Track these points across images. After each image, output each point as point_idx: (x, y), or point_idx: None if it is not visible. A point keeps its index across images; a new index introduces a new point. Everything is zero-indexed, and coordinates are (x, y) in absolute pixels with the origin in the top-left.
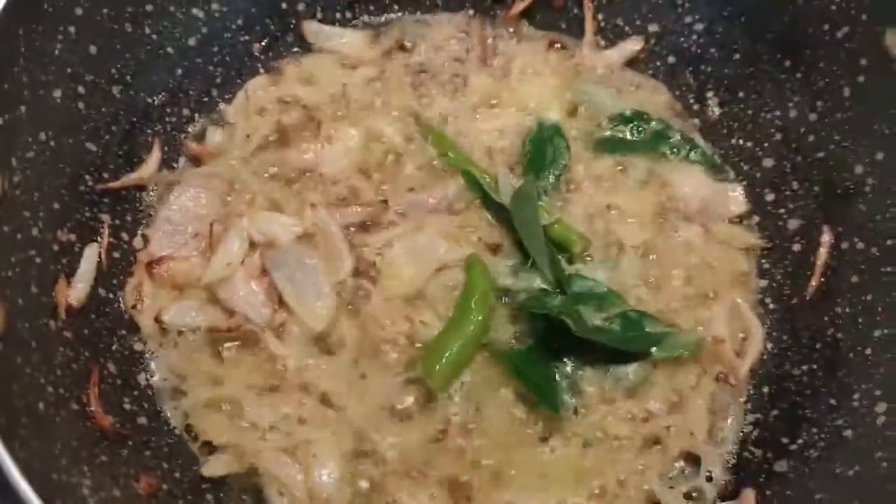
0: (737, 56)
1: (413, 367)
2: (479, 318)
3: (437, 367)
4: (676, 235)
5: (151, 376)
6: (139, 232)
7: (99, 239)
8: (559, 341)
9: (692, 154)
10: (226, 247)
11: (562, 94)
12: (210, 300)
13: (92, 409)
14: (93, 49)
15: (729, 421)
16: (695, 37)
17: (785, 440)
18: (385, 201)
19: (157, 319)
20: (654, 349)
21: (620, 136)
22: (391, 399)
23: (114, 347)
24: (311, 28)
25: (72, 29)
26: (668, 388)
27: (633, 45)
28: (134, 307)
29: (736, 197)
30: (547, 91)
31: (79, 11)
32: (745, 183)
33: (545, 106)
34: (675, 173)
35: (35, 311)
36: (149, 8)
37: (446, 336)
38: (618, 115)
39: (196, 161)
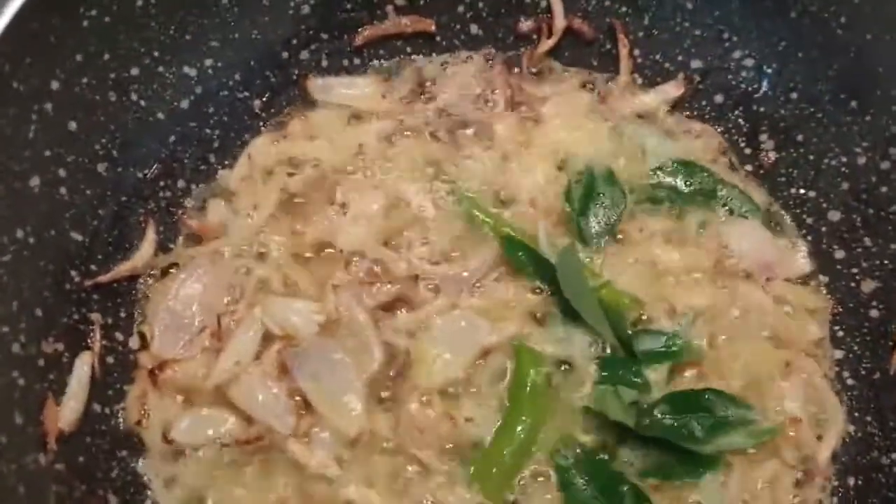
0: (794, 95)
1: (461, 476)
2: (531, 420)
3: (490, 478)
4: (738, 298)
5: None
6: (135, 329)
7: (90, 343)
8: (623, 442)
9: (747, 209)
10: (237, 342)
11: (600, 139)
12: (225, 407)
13: None
14: (73, 125)
15: None
16: (745, 73)
17: None
18: (415, 277)
19: (166, 438)
20: (728, 441)
21: (668, 186)
22: None
23: (113, 474)
24: (317, 84)
25: (48, 106)
26: (745, 488)
27: (673, 91)
28: (138, 423)
29: (799, 254)
30: (583, 137)
31: (55, 85)
32: (809, 238)
33: (582, 153)
34: (732, 227)
35: (21, 446)
36: (134, 72)
37: (497, 443)
38: (663, 165)
39: (196, 240)
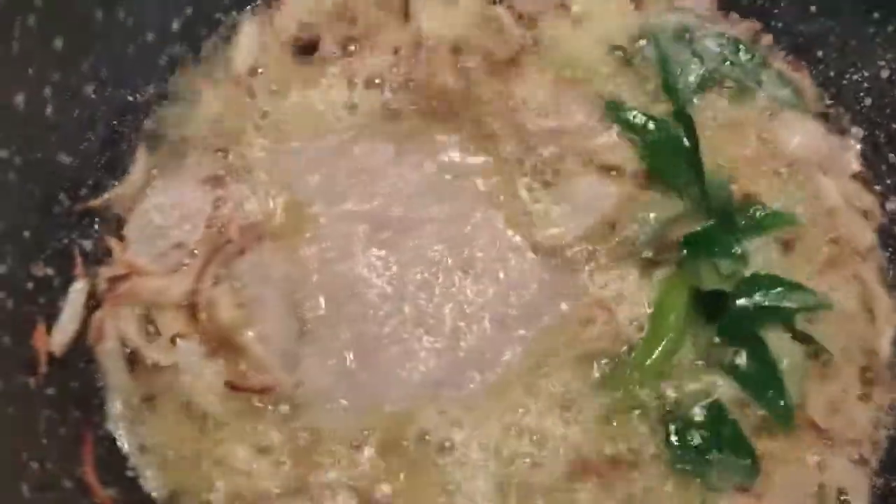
0: (813, 8)
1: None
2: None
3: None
4: (813, 192)
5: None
6: None
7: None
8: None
9: (792, 96)
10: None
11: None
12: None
13: (89, 483)
14: (58, 43)
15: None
16: None
17: None
18: None
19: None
20: None
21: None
22: None
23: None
24: None
25: (31, 20)
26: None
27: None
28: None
29: (851, 151)
30: (625, 22)
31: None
32: None
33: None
34: (782, 118)
35: (9, 367)
36: None
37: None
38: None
39: None
